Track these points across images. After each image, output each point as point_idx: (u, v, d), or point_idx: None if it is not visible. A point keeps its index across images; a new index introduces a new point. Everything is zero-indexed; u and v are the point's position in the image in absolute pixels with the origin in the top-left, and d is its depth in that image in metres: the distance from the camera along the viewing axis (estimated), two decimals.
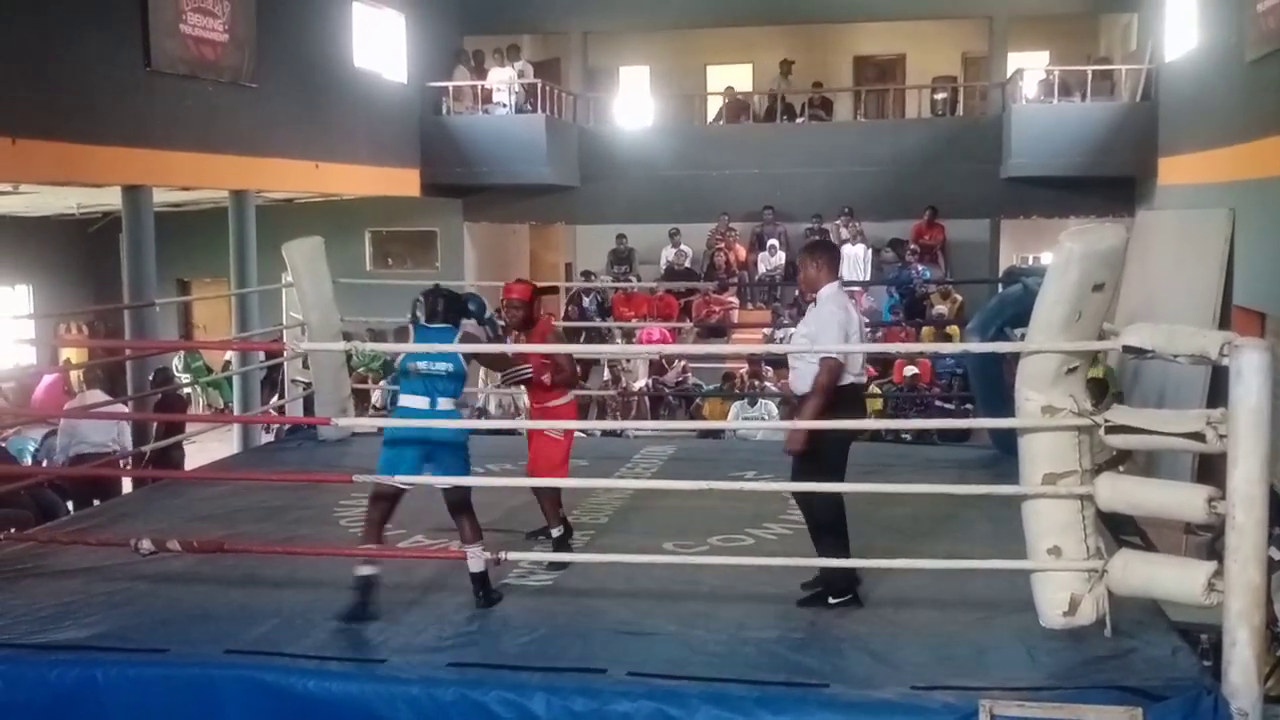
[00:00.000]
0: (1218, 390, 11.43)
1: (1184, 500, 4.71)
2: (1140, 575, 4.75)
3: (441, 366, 5.64)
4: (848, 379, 5.55)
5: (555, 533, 6.31)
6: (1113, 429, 4.68)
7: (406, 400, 5.73)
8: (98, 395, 11.18)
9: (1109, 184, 18.43)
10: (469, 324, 6.17)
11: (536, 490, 6.37)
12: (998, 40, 20.33)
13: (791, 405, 5.88)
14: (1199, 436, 4.50)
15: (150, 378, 12.72)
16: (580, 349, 15.39)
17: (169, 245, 14.73)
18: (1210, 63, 14.62)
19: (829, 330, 5.52)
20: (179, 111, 13.26)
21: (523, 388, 6.62)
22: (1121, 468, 6.20)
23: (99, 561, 6.21)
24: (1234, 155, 13.04)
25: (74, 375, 14.99)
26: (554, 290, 6.72)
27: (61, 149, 11.47)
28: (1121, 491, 4.80)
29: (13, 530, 8.27)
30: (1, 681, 4.84)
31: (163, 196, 14.50)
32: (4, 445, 11.22)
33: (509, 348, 6.25)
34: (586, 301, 19.08)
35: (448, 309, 5.81)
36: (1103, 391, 9.93)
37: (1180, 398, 11.94)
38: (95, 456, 10.27)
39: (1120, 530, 6.11)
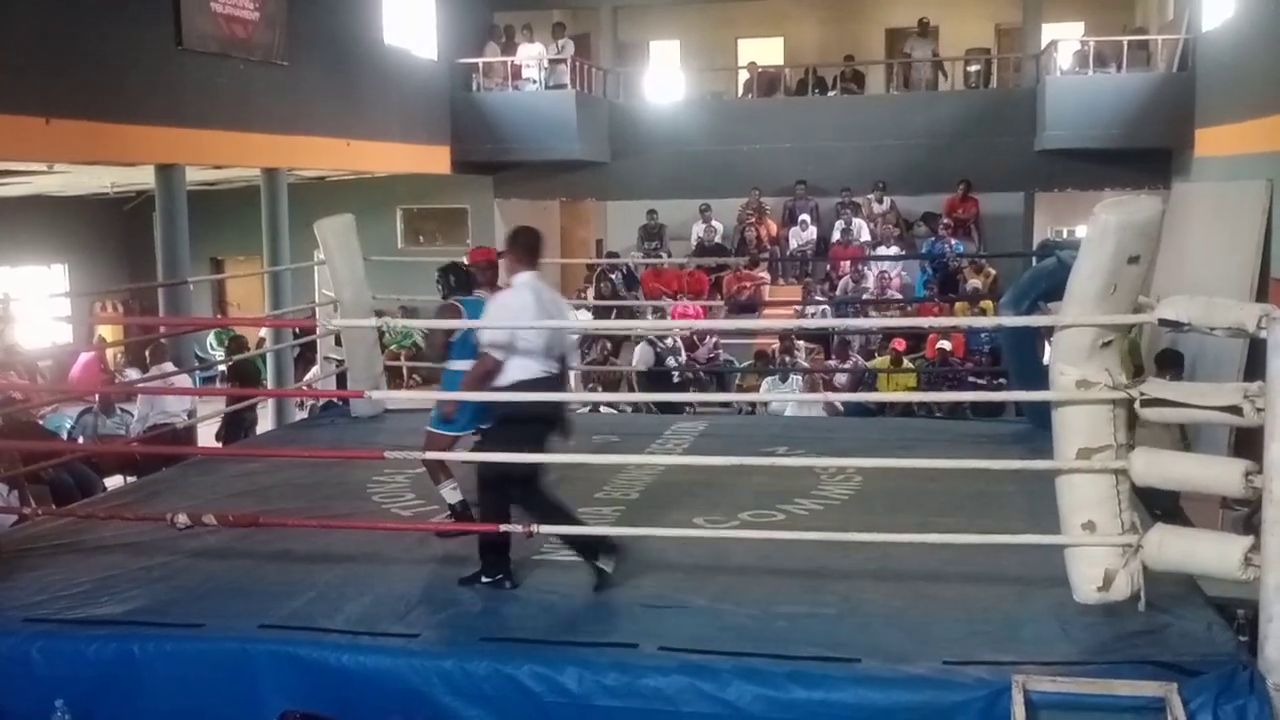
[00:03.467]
0: (1255, 363, 11.35)
1: (1220, 474, 4.67)
2: (1176, 550, 4.72)
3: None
4: (524, 374, 5.49)
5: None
6: (1148, 402, 4.64)
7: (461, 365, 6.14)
8: (169, 367, 11.63)
9: (1145, 156, 18.22)
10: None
11: None
12: (1031, 11, 20.11)
13: None
14: (1236, 410, 4.45)
15: (224, 345, 13.21)
16: (610, 325, 15.45)
17: (202, 223, 14.84)
18: (1248, 32, 14.41)
19: (490, 321, 5.56)
20: (211, 90, 13.31)
21: None
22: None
23: (136, 537, 6.28)
24: (1272, 126, 12.84)
25: (110, 353, 15.15)
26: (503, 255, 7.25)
27: (95, 128, 11.54)
28: (1157, 466, 4.76)
29: (51, 505, 8.41)
30: (41, 656, 4.90)
31: (196, 175, 14.58)
32: (41, 422, 11.36)
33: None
34: (614, 275, 19.04)
35: (468, 280, 6.59)
36: (1176, 363, 9.80)
37: (1217, 371, 11.83)
38: (167, 426, 10.65)
39: (1156, 505, 6.06)
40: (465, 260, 6.97)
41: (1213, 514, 8.31)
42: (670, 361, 14.77)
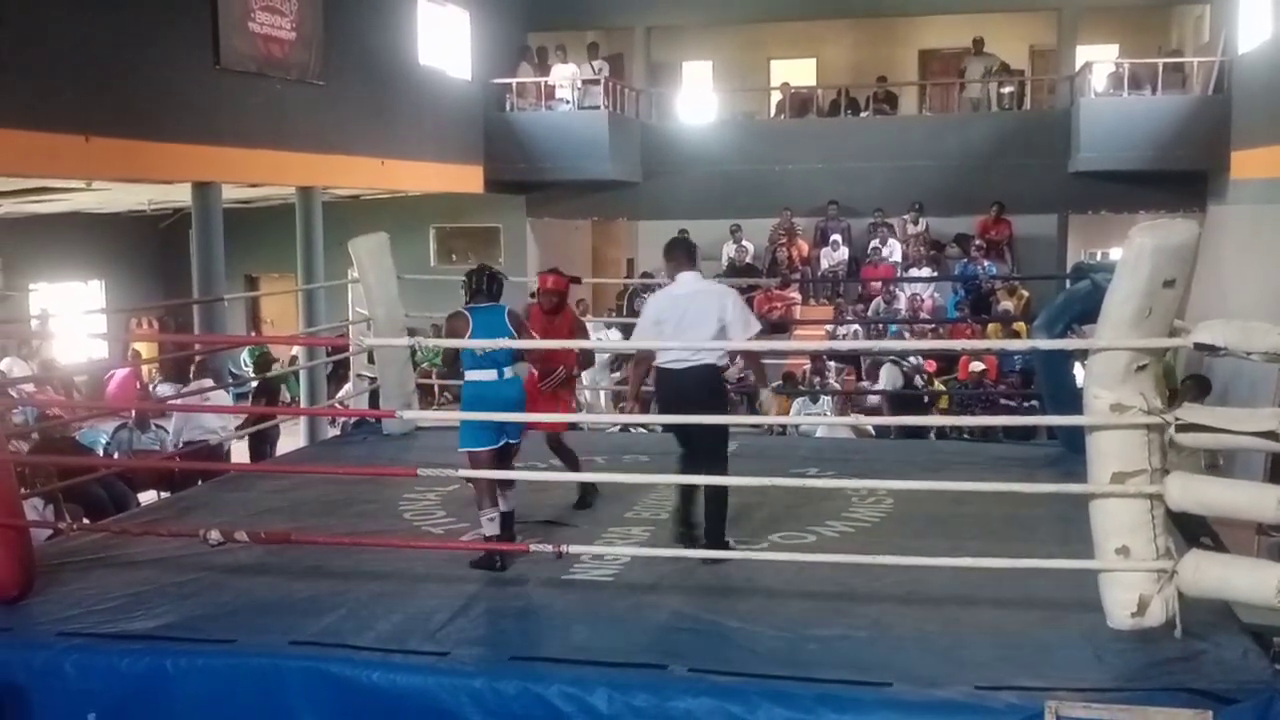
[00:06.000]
0: None
1: (1256, 500, 4.62)
2: (1211, 576, 4.67)
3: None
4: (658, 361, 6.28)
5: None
6: (1184, 427, 4.60)
7: (475, 375, 6.20)
8: (208, 383, 11.90)
9: (1180, 178, 18.13)
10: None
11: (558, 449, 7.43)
12: (1066, 32, 20.07)
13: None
14: (1273, 435, 4.41)
15: (254, 359, 13.57)
16: (640, 344, 15.42)
17: (238, 241, 14.96)
18: None
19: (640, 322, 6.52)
20: (247, 109, 13.44)
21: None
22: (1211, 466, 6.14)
23: (169, 553, 6.31)
24: None
25: (145, 369, 15.30)
26: (577, 280, 7.58)
27: (133, 146, 11.67)
28: (1192, 491, 4.72)
29: (85, 520, 8.48)
30: (74, 670, 4.93)
31: (232, 193, 14.70)
32: (76, 437, 11.46)
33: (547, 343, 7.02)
34: (646, 295, 19.06)
35: (499, 287, 6.40)
36: (1204, 389, 9.70)
37: (1253, 396, 11.73)
38: (203, 442, 10.87)
39: (1191, 530, 6.01)
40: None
41: (1249, 540, 8.22)
42: (918, 381, 14.50)
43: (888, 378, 13.98)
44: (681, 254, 6.50)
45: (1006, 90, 20.77)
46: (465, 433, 6.20)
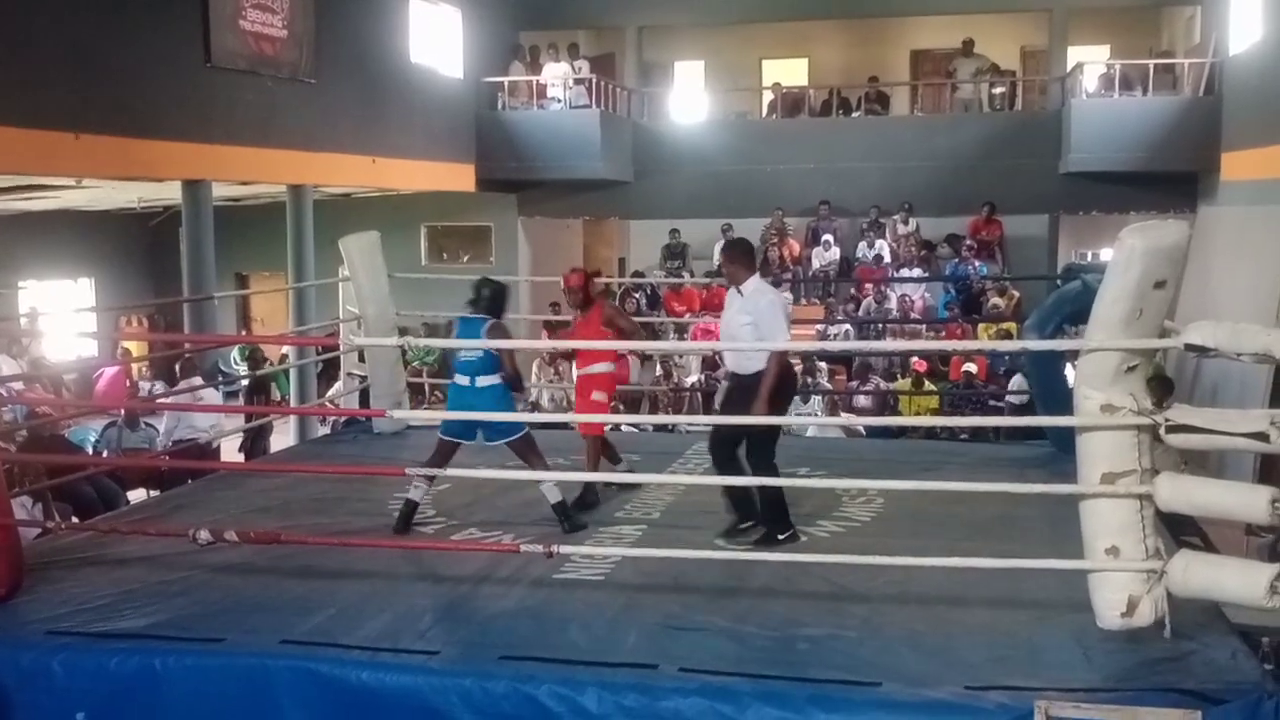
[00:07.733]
0: None
1: (1246, 501, 4.63)
2: (1201, 577, 4.67)
3: (473, 354, 6.61)
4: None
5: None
6: (1174, 428, 4.61)
7: (456, 379, 6.74)
8: (197, 381, 11.92)
9: (1170, 179, 18.16)
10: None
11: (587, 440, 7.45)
12: (1057, 33, 20.09)
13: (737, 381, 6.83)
14: (1263, 436, 4.42)
15: (246, 356, 13.71)
16: (632, 345, 15.41)
17: (228, 239, 14.93)
18: (1275, 56, 14.37)
19: (776, 320, 6.42)
20: (238, 107, 13.41)
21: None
22: (1184, 464, 6.10)
23: (158, 551, 6.29)
24: None
25: (134, 367, 15.27)
26: (597, 274, 7.64)
27: (123, 144, 11.64)
28: (1182, 492, 4.73)
29: (74, 519, 8.45)
30: (62, 669, 4.91)
31: (222, 191, 14.67)
32: (65, 435, 11.43)
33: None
34: (638, 295, 19.05)
35: (492, 300, 6.71)
36: (1167, 390, 9.74)
37: (1242, 397, 11.75)
38: (192, 440, 10.88)
39: (1180, 531, 6.02)
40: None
41: (1238, 540, 8.24)
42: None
43: (1019, 388, 13.91)
44: (753, 258, 6.94)
45: (998, 91, 20.79)
46: (444, 422, 6.91)
